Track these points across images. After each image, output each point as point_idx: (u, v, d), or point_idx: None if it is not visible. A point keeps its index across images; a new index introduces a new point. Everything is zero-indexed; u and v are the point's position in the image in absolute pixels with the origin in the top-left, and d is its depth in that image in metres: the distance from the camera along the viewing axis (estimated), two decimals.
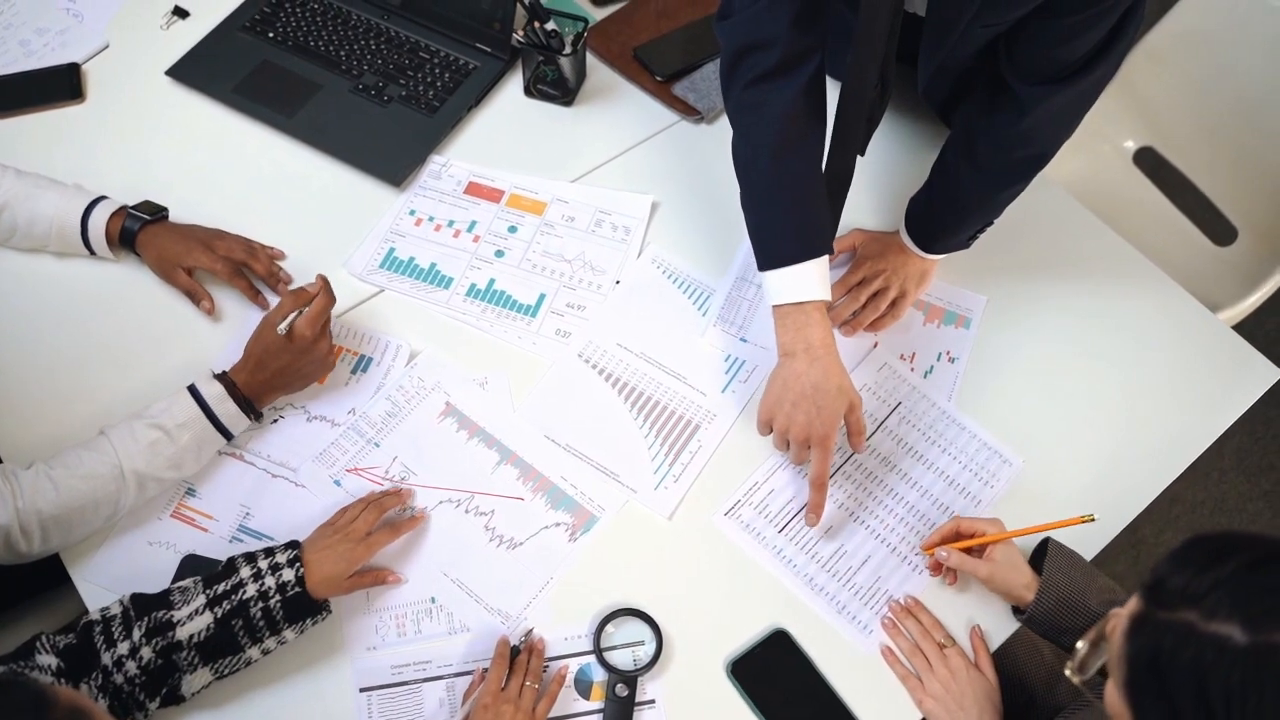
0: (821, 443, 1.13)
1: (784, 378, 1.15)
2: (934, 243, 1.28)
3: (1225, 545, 0.69)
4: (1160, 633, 0.68)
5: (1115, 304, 1.36)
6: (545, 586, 1.14)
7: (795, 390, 1.13)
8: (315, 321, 1.15)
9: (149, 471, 1.09)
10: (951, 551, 1.12)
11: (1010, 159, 1.17)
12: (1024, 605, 1.09)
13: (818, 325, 1.14)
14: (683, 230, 1.38)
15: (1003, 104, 1.12)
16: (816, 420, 1.12)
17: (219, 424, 1.13)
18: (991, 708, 1.08)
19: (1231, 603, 0.65)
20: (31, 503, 1.03)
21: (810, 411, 1.12)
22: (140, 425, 1.09)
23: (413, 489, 1.18)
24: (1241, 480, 2.12)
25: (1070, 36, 1.01)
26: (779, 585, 1.16)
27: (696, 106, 1.46)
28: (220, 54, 1.50)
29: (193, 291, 1.28)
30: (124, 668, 0.96)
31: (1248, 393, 1.30)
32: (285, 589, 1.02)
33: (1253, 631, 0.64)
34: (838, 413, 1.13)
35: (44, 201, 1.26)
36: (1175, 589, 0.68)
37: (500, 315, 1.31)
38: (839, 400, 1.13)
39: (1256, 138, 1.63)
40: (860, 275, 1.31)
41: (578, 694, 1.09)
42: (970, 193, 1.22)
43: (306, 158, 1.42)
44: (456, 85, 1.47)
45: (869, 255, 1.33)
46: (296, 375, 1.18)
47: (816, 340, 1.13)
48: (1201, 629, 0.65)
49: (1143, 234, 1.51)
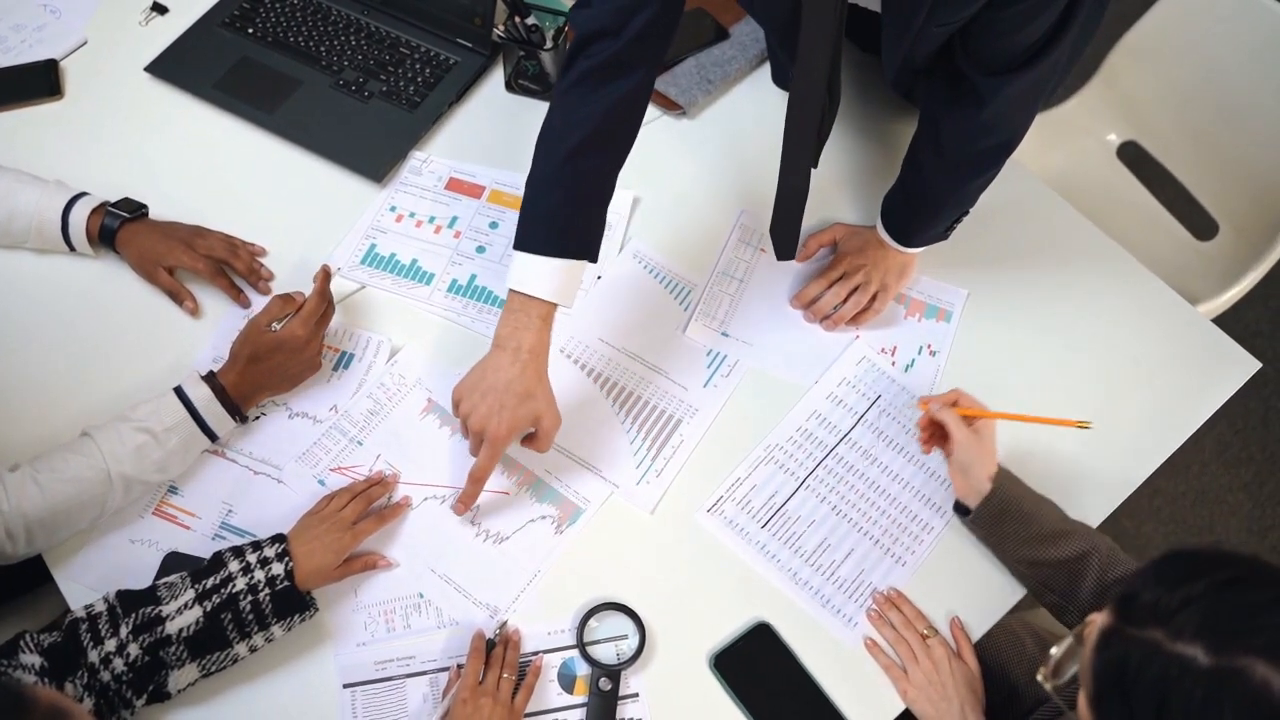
0: (492, 441, 1.09)
1: (485, 366, 1.11)
2: (911, 237, 1.29)
3: (1198, 563, 0.70)
4: (1128, 648, 0.69)
5: (1096, 297, 1.37)
6: (533, 580, 1.14)
7: (488, 382, 1.10)
8: (308, 321, 1.15)
9: (136, 475, 1.08)
10: (944, 406, 1.14)
11: (976, 149, 1.18)
12: (970, 504, 1.13)
13: (536, 331, 1.10)
14: (664, 225, 1.38)
15: (963, 95, 1.13)
16: (495, 418, 1.09)
17: (205, 426, 1.12)
18: (974, 697, 1.09)
19: (1199, 623, 0.66)
20: (17, 506, 1.03)
21: (494, 407, 1.09)
22: (127, 428, 1.09)
23: (397, 475, 1.19)
24: (1222, 472, 2.13)
25: (1021, 24, 1.01)
26: (762, 579, 1.16)
27: (678, 101, 1.46)
28: (200, 50, 1.49)
29: (175, 291, 1.27)
30: (111, 665, 0.96)
31: (1227, 384, 1.31)
32: (274, 583, 1.02)
33: (1216, 654, 0.64)
34: (518, 419, 1.10)
35: (23, 197, 1.25)
36: (1145, 605, 0.69)
37: (482, 311, 1.31)
38: (523, 407, 1.09)
39: (1239, 133, 1.64)
40: (840, 270, 1.32)
41: (561, 688, 1.09)
42: (941, 185, 1.23)
43: (287, 154, 1.42)
44: (437, 81, 1.47)
45: (849, 250, 1.33)
46: (285, 376, 1.18)
47: (527, 344, 1.10)
48: (1167, 648, 0.66)
49: (1125, 228, 1.52)
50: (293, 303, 1.17)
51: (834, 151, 1.45)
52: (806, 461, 1.23)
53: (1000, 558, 1.15)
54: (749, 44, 1.51)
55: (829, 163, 1.41)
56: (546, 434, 1.13)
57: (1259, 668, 0.63)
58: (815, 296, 1.32)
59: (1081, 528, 1.11)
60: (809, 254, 1.36)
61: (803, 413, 1.26)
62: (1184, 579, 0.68)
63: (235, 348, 1.16)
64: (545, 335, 1.11)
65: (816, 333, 1.31)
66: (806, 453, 1.23)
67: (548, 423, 1.12)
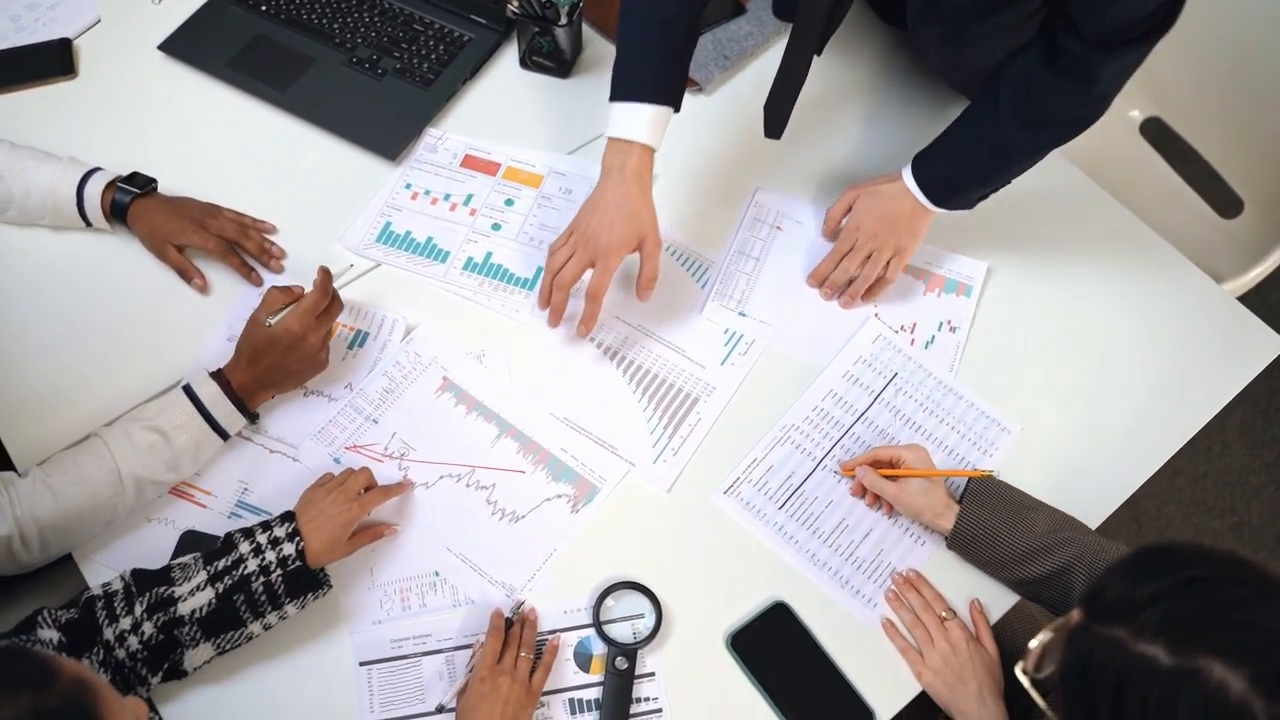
0: (604, 256, 1.16)
1: (596, 194, 1.18)
2: (952, 196, 1.25)
3: (1166, 560, 0.70)
4: (1092, 646, 0.68)
5: (1118, 274, 1.35)
6: (549, 558, 1.14)
7: (599, 205, 1.17)
8: (304, 317, 1.13)
9: (147, 475, 1.08)
10: (867, 470, 1.15)
11: (1071, 115, 1.17)
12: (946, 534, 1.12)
13: (638, 157, 1.17)
14: (680, 203, 1.37)
15: (1066, 68, 1.11)
16: (605, 234, 1.16)
17: (215, 424, 1.12)
18: (991, 681, 1.08)
19: (1160, 621, 0.65)
20: (30, 511, 1.03)
21: (603, 224, 1.16)
22: (136, 428, 1.08)
23: (410, 482, 1.18)
24: (1244, 453, 2.11)
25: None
26: (780, 560, 1.15)
27: (694, 77, 1.44)
28: (213, 28, 1.49)
29: (183, 269, 1.27)
30: (126, 643, 0.96)
31: (1252, 364, 1.29)
32: (286, 563, 1.02)
33: (1176, 653, 0.64)
34: (627, 234, 1.16)
35: (40, 174, 1.25)
36: (1111, 602, 0.69)
37: (497, 289, 1.30)
38: (630, 224, 1.16)
39: (1264, 110, 1.61)
40: (851, 241, 1.28)
41: (577, 667, 1.09)
42: (1015, 149, 1.21)
43: (301, 132, 1.41)
44: (451, 58, 1.46)
45: (860, 219, 1.28)
46: (287, 373, 1.16)
47: (631, 166, 1.16)
48: (1130, 647, 0.66)
49: (1148, 205, 1.49)
50: (290, 294, 1.15)
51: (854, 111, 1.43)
52: (824, 441, 1.22)
53: (991, 576, 1.14)
54: (766, 20, 1.49)
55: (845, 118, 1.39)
56: (650, 255, 1.18)
57: (1216, 669, 0.62)
58: (828, 273, 1.30)
59: (1065, 535, 1.08)
60: (832, 228, 1.33)
61: (819, 392, 1.25)
62: (1151, 576, 0.68)
63: (239, 343, 1.15)
64: (648, 164, 1.18)
65: (835, 311, 1.30)
66: (823, 432, 1.22)
67: (651, 244, 1.18)
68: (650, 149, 1.17)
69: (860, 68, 1.49)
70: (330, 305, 1.16)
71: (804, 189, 1.40)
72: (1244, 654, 0.62)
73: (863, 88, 1.47)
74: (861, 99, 1.46)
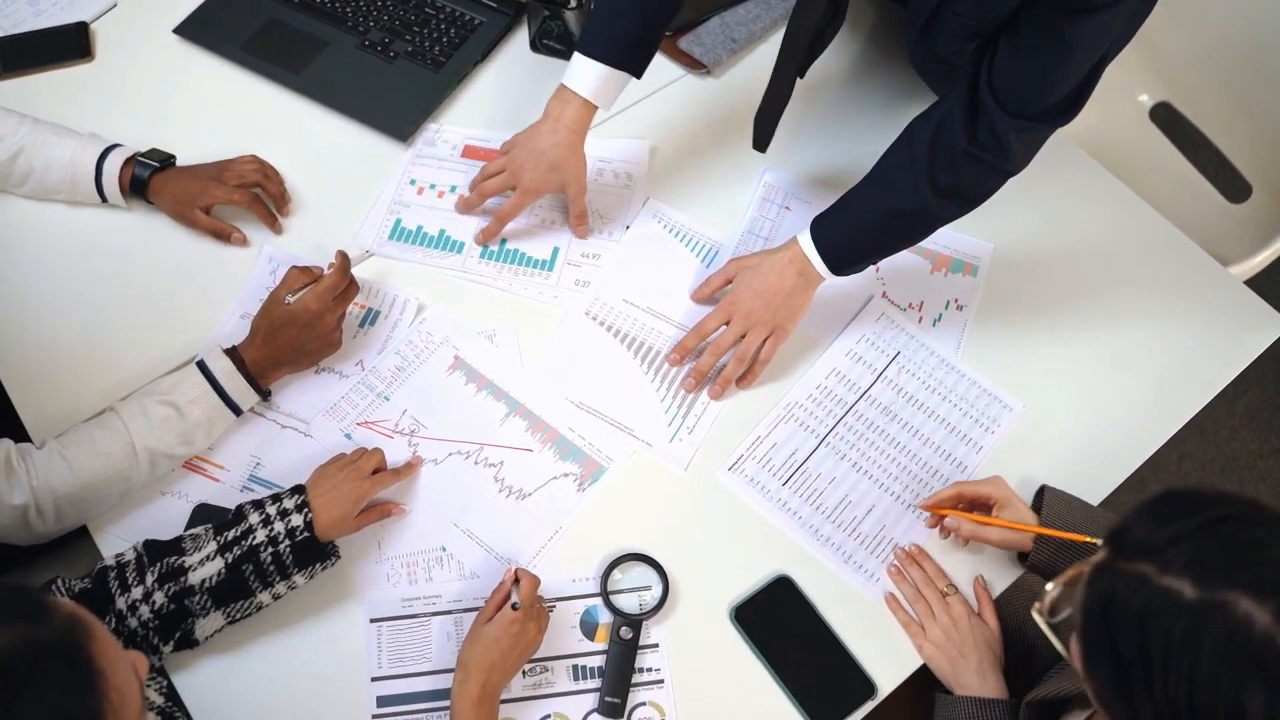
0: (522, 191, 1.25)
1: (533, 129, 1.26)
2: (853, 264, 1.21)
3: (1192, 501, 0.70)
4: (1116, 581, 0.69)
5: (1125, 256, 1.35)
6: (554, 536, 1.16)
7: (532, 142, 1.25)
8: (323, 296, 1.15)
9: (160, 448, 1.09)
10: (962, 521, 1.11)
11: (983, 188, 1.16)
12: (1027, 552, 1.10)
13: (575, 110, 1.23)
14: (688, 185, 1.38)
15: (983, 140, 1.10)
16: (527, 174, 1.25)
17: (228, 399, 1.13)
18: (992, 655, 1.09)
19: (1187, 557, 0.66)
20: (46, 482, 1.04)
21: (527, 164, 1.25)
22: (151, 402, 1.10)
23: (420, 459, 1.19)
24: (1252, 437, 2.11)
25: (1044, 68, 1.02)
26: (784, 535, 1.17)
27: (702, 60, 1.45)
28: (227, 11, 1.50)
29: (217, 230, 1.29)
30: (138, 611, 0.98)
31: (1257, 345, 1.30)
32: (294, 534, 1.03)
33: (1202, 588, 0.64)
34: (546, 181, 1.25)
35: (60, 148, 1.27)
36: (1137, 539, 0.69)
37: (518, 273, 1.32)
38: (552, 173, 1.24)
39: (1273, 95, 1.61)
40: (724, 316, 1.22)
41: (583, 635, 1.10)
42: (930, 214, 1.17)
43: (314, 114, 1.43)
44: (462, 41, 1.47)
45: (738, 295, 1.23)
46: (302, 352, 1.18)
47: (568, 117, 1.23)
48: (1155, 581, 0.66)
49: (1156, 189, 1.50)
50: (310, 274, 1.17)
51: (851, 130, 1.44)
52: (827, 419, 1.23)
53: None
54: (774, 2, 1.50)
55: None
56: (575, 199, 1.29)
57: (1243, 602, 0.63)
58: (691, 348, 1.24)
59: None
60: (705, 297, 1.28)
61: (822, 370, 1.26)
62: (1175, 516, 0.68)
63: (255, 320, 1.17)
64: (584, 119, 1.24)
65: (840, 290, 1.28)
66: (826, 410, 1.24)
67: (574, 190, 1.28)
68: (592, 106, 1.23)
69: (871, 50, 1.50)
70: (347, 288, 1.18)
71: (812, 170, 1.40)
72: (1270, 588, 0.63)
73: (873, 68, 1.48)
74: (871, 79, 1.47)
